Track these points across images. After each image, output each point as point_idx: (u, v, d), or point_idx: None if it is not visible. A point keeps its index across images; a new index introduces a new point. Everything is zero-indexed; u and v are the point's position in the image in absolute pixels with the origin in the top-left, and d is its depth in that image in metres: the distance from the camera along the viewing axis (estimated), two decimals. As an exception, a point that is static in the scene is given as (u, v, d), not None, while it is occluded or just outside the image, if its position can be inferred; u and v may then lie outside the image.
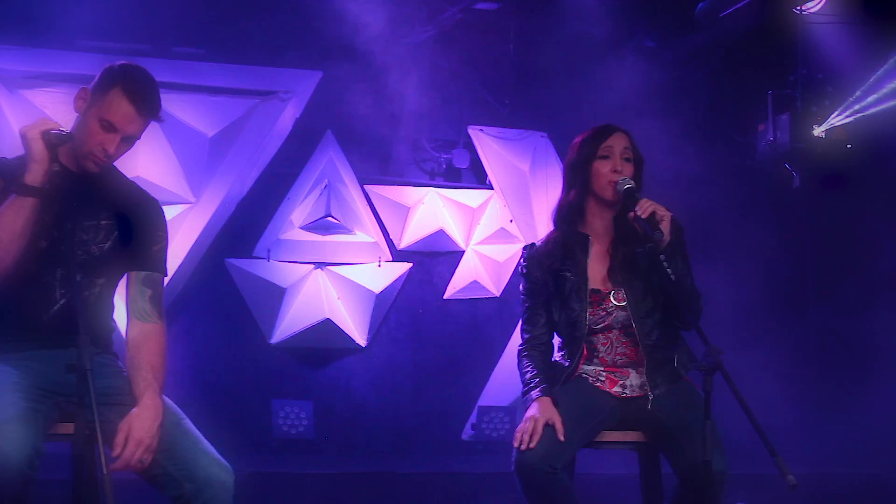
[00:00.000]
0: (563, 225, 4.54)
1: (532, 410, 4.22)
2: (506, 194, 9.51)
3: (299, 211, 8.92)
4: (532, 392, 4.32)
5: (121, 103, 3.82)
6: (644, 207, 4.26)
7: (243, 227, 8.84)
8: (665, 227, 4.24)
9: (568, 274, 4.44)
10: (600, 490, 6.43)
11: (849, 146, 7.97)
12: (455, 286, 9.45)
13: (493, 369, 9.45)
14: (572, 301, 4.41)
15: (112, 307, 4.11)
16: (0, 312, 3.88)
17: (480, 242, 9.50)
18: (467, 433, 9.23)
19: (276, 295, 8.78)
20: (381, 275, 9.12)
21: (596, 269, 4.46)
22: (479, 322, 9.54)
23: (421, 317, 9.42)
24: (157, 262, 4.07)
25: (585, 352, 4.40)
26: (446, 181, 9.57)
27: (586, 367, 4.41)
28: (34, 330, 3.89)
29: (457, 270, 9.46)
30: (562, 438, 4.14)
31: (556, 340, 4.54)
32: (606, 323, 4.40)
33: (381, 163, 9.51)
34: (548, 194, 9.63)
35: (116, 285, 4.09)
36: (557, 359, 4.49)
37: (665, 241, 4.23)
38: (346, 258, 9.05)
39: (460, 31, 8.76)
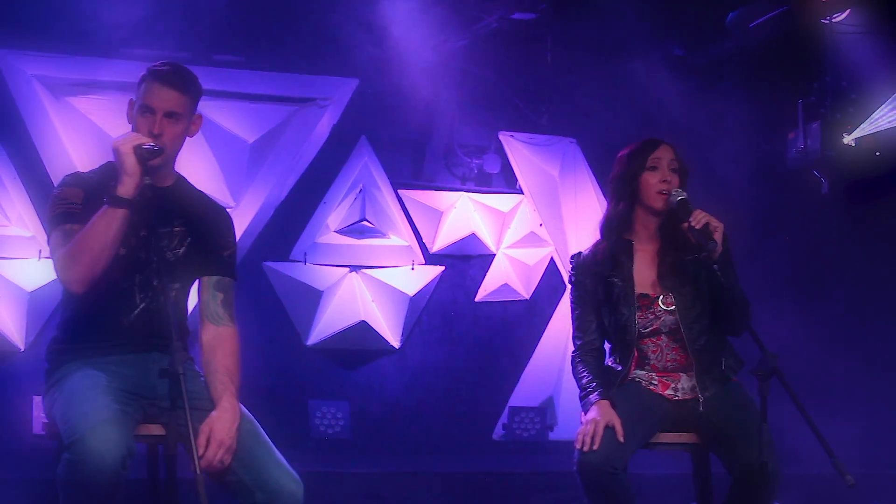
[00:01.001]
0: (611, 235, 4.70)
1: (592, 413, 4.39)
2: (535, 199, 9.65)
3: (335, 215, 9.04)
4: (590, 396, 4.49)
5: (151, 85, 4.05)
6: (698, 218, 4.43)
7: (281, 231, 8.96)
8: (718, 237, 4.40)
9: (615, 280, 4.61)
10: (645, 489, 6.57)
11: (878, 153, 8.12)
12: (486, 289, 9.58)
13: (523, 370, 9.56)
14: (621, 306, 4.58)
15: (186, 311, 4.29)
16: (86, 319, 4.05)
17: (511, 246, 9.62)
18: (498, 433, 9.35)
19: (312, 297, 8.92)
20: (414, 278, 9.24)
21: (643, 274, 4.63)
22: (509, 324, 9.65)
23: (453, 319, 9.52)
24: (228, 267, 4.26)
25: (636, 356, 4.58)
26: (477, 186, 9.69)
27: (638, 372, 4.58)
28: (116, 335, 4.06)
29: (488, 273, 9.57)
30: (622, 440, 4.31)
31: (607, 347, 4.72)
32: (655, 327, 4.56)
33: (413, 168, 9.62)
34: (576, 199, 9.77)
35: (189, 290, 4.27)
36: (609, 364, 4.65)
37: (718, 251, 4.40)
38: (381, 261, 9.17)
39: (494, 40, 8.88)
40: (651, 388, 4.56)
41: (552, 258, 9.72)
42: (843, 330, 8.97)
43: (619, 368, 4.57)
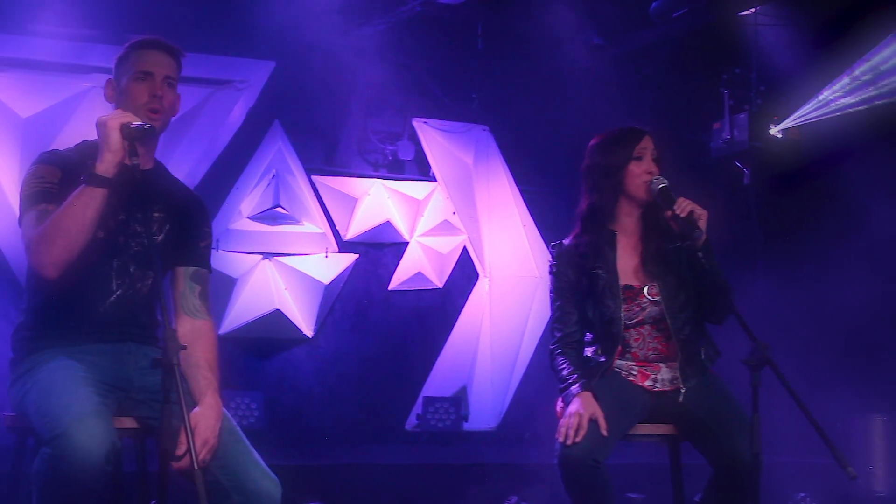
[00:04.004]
0: (593, 226, 4.60)
1: (575, 406, 4.29)
2: (449, 186, 9.55)
3: (248, 201, 8.81)
4: (572, 388, 4.38)
5: (144, 53, 3.93)
6: (682, 206, 4.37)
7: (193, 217, 8.71)
8: (703, 225, 4.35)
9: (599, 272, 4.52)
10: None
11: (802, 144, 8.19)
12: (399, 277, 9.46)
13: (436, 360, 9.50)
14: (606, 298, 4.49)
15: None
16: (58, 305, 3.84)
17: (424, 234, 9.51)
18: (411, 423, 9.27)
19: (226, 285, 8.65)
20: (328, 266, 9.06)
21: (626, 265, 4.55)
22: (422, 313, 9.56)
23: (366, 307, 9.39)
24: (204, 259, 4.09)
25: (619, 347, 4.51)
26: (390, 173, 9.57)
27: (619, 362, 4.51)
28: (90, 323, 3.86)
29: (401, 262, 9.46)
30: (605, 433, 4.23)
31: (587, 336, 4.63)
32: (640, 318, 4.49)
33: (326, 154, 9.46)
34: (489, 186, 9.72)
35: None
36: (589, 354, 4.55)
37: (703, 239, 4.35)
38: (294, 249, 8.97)
39: (414, 25, 8.75)
40: (630, 378, 4.49)
41: (465, 247, 9.66)
42: (763, 321, 9.01)
43: (602, 360, 4.48)
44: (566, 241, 4.65)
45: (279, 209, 8.83)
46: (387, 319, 9.46)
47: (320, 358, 9.18)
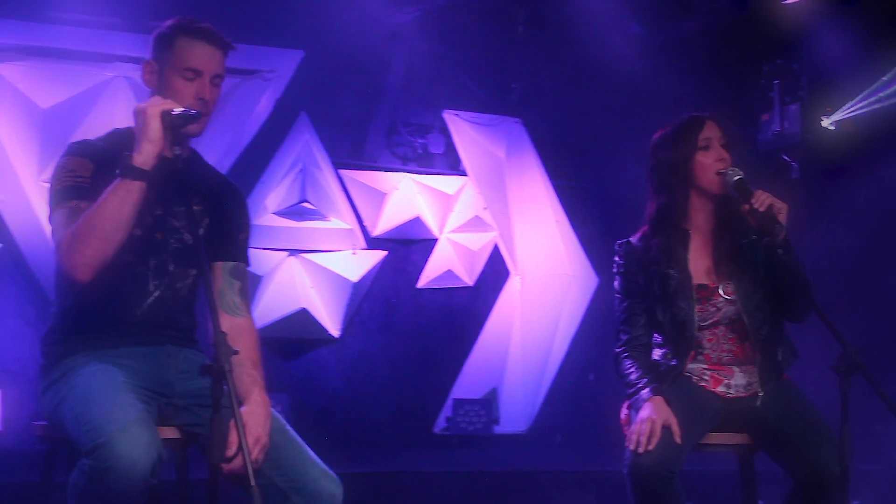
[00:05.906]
0: (666, 227, 4.28)
1: (646, 411, 4.01)
2: (480, 181, 9.28)
3: (274, 196, 8.55)
4: (642, 392, 4.10)
5: (193, 45, 3.59)
6: (761, 200, 4.07)
7: (217, 212, 8.45)
8: (783, 219, 4.06)
9: (671, 272, 4.22)
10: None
11: (854, 137, 7.93)
12: (428, 275, 9.20)
13: (465, 361, 9.26)
14: (679, 300, 4.19)
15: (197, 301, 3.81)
16: (92, 308, 3.56)
17: (454, 230, 9.25)
18: (440, 426, 9.02)
19: (250, 283, 8.31)
20: (355, 263, 8.80)
21: (698, 263, 4.26)
22: (452, 312, 9.32)
23: (394, 306, 9.16)
24: (243, 252, 3.83)
25: (693, 351, 4.21)
26: (419, 167, 9.30)
27: (690, 366, 4.22)
28: (127, 325, 3.58)
29: (430, 259, 9.21)
30: (678, 441, 3.95)
31: (656, 339, 4.33)
32: (715, 319, 4.21)
33: (354, 147, 9.17)
34: (521, 181, 9.47)
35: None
36: (657, 358, 4.27)
37: (783, 234, 4.06)
38: (321, 245, 8.72)
39: (449, 12, 8.48)
40: (702, 384, 4.20)
41: (496, 243, 9.40)
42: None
43: (673, 364, 4.19)
44: (634, 241, 4.34)
45: (306, 204, 8.59)
46: (415, 319, 9.23)
47: (347, 358, 8.96)
